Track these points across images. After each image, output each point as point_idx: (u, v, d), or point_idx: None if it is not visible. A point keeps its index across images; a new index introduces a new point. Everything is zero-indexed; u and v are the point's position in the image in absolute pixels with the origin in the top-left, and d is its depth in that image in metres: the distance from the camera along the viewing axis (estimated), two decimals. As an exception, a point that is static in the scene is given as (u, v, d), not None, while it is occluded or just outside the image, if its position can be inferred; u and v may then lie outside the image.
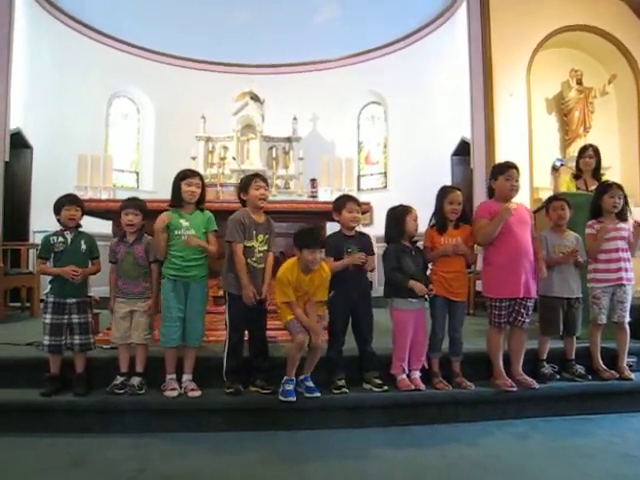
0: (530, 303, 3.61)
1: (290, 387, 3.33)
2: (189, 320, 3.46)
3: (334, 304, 3.59)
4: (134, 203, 3.58)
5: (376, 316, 3.68)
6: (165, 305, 3.46)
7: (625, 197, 3.94)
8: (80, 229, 3.59)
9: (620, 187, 3.91)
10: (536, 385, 3.55)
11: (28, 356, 3.73)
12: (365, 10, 9.65)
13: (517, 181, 3.66)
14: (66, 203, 3.51)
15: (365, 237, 3.69)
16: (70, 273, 3.40)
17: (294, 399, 3.28)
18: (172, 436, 3.19)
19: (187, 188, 3.50)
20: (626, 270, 3.81)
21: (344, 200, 3.70)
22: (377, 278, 7.04)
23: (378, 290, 3.68)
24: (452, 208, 3.64)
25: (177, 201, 3.54)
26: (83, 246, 3.53)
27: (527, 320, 3.62)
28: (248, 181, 3.56)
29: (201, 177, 3.62)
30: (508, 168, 3.68)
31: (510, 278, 3.55)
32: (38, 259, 3.58)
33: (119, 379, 3.43)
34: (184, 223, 3.48)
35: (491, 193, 3.78)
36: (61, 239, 3.50)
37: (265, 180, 3.60)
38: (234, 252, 3.42)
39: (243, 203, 3.61)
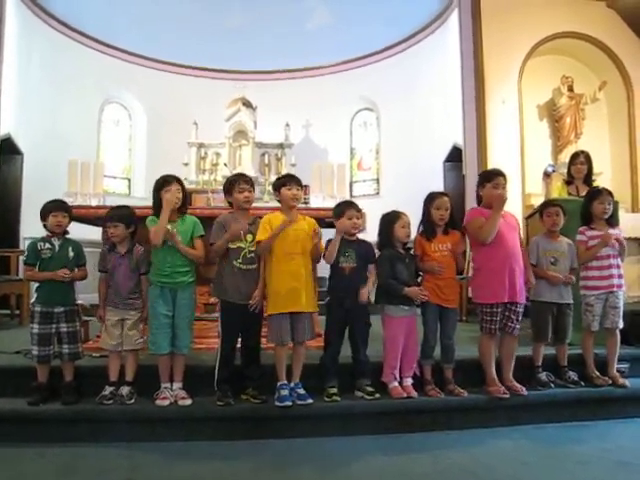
0: (520, 309, 3.59)
1: (285, 392, 3.31)
2: (177, 327, 3.42)
3: (329, 310, 3.59)
4: (114, 214, 3.51)
5: (368, 322, 3.67)
6: (152, 313, 3.41)
7: (615, 203, 3.95)
8: (67, 235, 3.54)
9: (610, 193, 3.91)
10: (525, 392, 3.53)
11: (15, 364, 3.68)
12: (357, 17, 9.71)
13: (504, 188, 3.65)
14: (53, 209, 3.46)
15: (366, 244, 3.66)
16: (60, 277, 3.37)
17: (290, 404, 3.27)
18: (162, 445, 3.15)
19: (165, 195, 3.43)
20: (617, 277, 3.81)
21: (343, 207, 3.66)
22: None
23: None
24: (439, 214, 3.62)
25: (159, 211, 3.44)
26: (70, 253, 3.48)
27: (517, 326, 3.60)
28: (231, 184, 3.53)
29: (179, 181, 3.55)
30: (495, 176, 3.67)
31: (498, 282, 3.53)
32: (25, 265, 3.52)
33: (108, 389, 3.38)
34: (172, 230, 3.43)
35: (480, 200, 3.77)
36: (48, 245, 3.45)
37: (249, 181, 3.55)
38: (209, 250, 3.44)
39: (231, 205, 3.60)
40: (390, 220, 3.63)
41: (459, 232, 3.72)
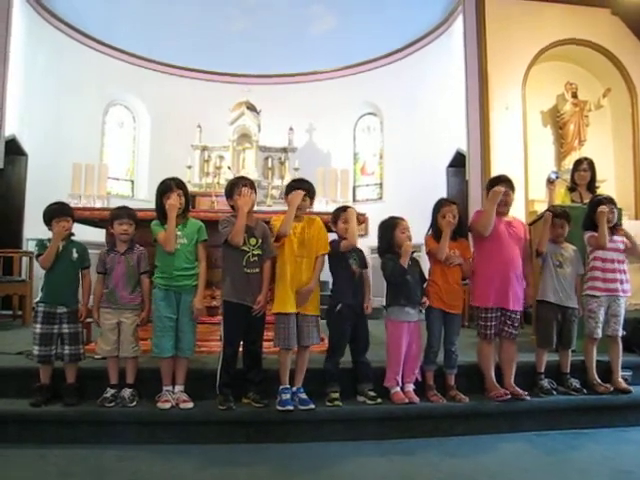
0: (516, 315, 3.63)
1: (287, 396, 3.31)
2: (181, 330, 3.41)
3: (336, 318, 3.58)
4: (128, 212, 3.53)
5: (370, 328, 3.67)
6: (156, 315, 3.41)
7: (619, 210, 3.95)
8: (72, 237, 3.54)
9: (612, 201, 3.91)
10: (527, 396, 3.54)
11: (18, 365, 3.69)
12: (362, 22, 9.71)
13: (508, 195, 3.67)
14: (56, 215, 3.43)
15: (361, 251, 3.71)
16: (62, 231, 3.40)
17: (292, 408, 3.27)
18: (163, 448, 3.15)
19: (167, 201, 3.41)
20: (621, 282, 3.82)
21: (339, 212, 3.71)
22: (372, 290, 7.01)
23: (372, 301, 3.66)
24: (447, 222, 3.62)
25: (162, 216, 3.43)
26: (74, 255, 3.48)
27: (515, 332, 3.63)
28: (232, 188, 3.49)
29: (181, 185, 3.52)
30: (500, 182, 3.69)
31: (489, 287, 3.61)
32: (37, 258, 3.46)
33: (109, 391, 3.38)
34: (177, 233, 3.43)
35: None
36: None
37: (250, 183, 3.51)
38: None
39: (233, 208, 3.54)
40: (390, 226, 3.64)
41: (466, 239, 3.74)
